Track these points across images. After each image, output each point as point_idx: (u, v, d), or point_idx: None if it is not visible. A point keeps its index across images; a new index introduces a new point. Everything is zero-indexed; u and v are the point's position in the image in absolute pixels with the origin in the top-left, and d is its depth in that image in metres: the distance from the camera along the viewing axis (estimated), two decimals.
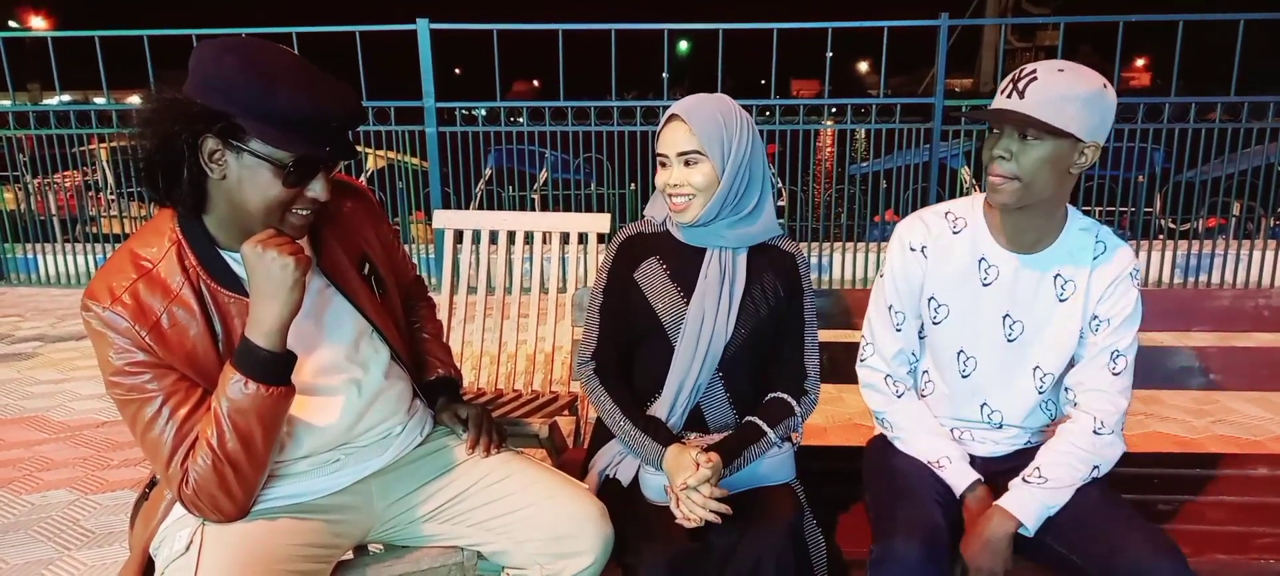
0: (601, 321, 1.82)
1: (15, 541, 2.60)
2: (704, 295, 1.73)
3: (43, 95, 17.81)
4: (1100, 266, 1.62)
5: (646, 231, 1.85)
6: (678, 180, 1.70)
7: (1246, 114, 5.42)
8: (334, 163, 1.39)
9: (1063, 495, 1.57)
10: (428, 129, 5.63)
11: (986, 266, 1.66)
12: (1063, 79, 1.47)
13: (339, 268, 1.52)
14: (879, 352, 1.77)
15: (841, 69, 44.32)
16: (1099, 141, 1.51)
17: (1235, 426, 3.51)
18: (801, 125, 5.72)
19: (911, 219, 1.75)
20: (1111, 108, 1.50)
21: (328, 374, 1.49)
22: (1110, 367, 1.62)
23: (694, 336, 1.72)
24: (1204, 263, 5.81)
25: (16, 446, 3.33)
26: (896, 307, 1.74)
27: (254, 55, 1.28)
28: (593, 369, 1.79)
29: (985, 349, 1.69)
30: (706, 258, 1.76)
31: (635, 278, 1.79)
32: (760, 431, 1.70)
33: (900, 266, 1.72)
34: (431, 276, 5.99)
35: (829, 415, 3.65)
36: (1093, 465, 1.60)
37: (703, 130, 1.67)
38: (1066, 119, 1.45)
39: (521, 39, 5.63)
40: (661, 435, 1.66)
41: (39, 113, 6.00)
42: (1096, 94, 1.47)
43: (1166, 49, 5.27)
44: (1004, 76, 1.63)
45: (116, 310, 1.29)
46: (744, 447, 1.67)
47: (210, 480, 1.32)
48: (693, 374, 1.73)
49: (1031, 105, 1.46)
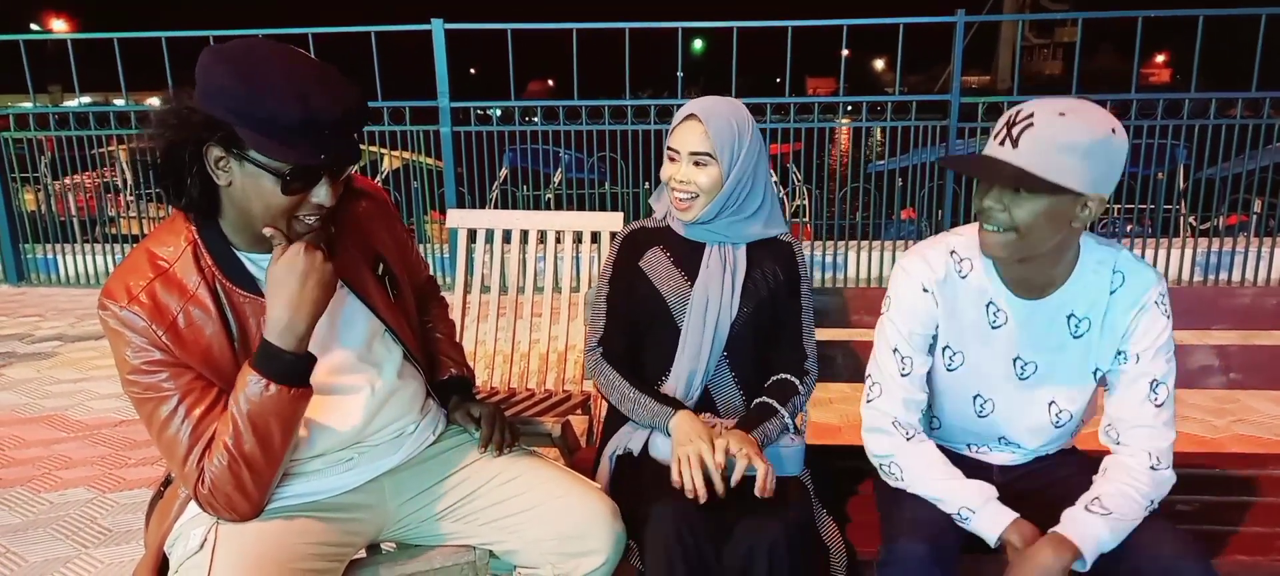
0: (608, 311, 1.88)
1: (34, 539, 2.63)
2: (708, 280, 1.79)
3: (63, 97, 17.98)
4: (1118, 298, 1.52)
5: (650, 226, 1.91)
6: (685, 177, 1.75)
7: (1268, 109, 5.35)
8: (337, 169, 1.36)
9: (1124, 529, 1.43)
10: (443, 129, 5.65)
11: (995, 311, 1.57)
12: (1063, 125, 1.32)
13: (353, 268, 1.53)
14: (887, 393, 1.63)
15: (858, 66, 44.14)
16: (1105, 193, 1.37)
17: (1257, 426, 3.46)
18: (817, 123, 5.70)
19: (914, 256, 1.61)
20: (1121, 154, 1.35)
21: (342, 373, 1.50)
22: (1152, 399, 1.52)
23: (700, 316, 1.77)
24: (1225, 260, 5.73)
25: (36, 445, 3.36)
26: (902, 351, 1.61)
27: (243, 63, 1.25)
28: (601, 353, 1.86)
29: (999, 390, 1.63)
30: (707, 250, 1.82)
31: (640, 266, 1.85)
32: (772, 408, 1.74)
33: (909, 307, 1.60)
34: (446, 276, 6.01)
35: (843, 414, 3.63)
36: (1150, 501, 1.49)
37: (717, 134, 1.72)
38: (1064, 172, 1.32)
39: (536, 38, 5.65)
40: (671, 401, 1.73)
41: (59, 114, 6.06)
42: (1101, 143, 1.32)
43: (1187, 44, 5.21)
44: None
45: (133, 309, 1.30)
46: (761, 424, 1.70)
47: (226, 479, 1.33)
48: (702, 354, 1.77)
49: (1024, 157, 1.33)
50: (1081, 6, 24.38)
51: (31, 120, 6.04)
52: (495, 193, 6.19)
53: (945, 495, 1.54)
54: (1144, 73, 30.54)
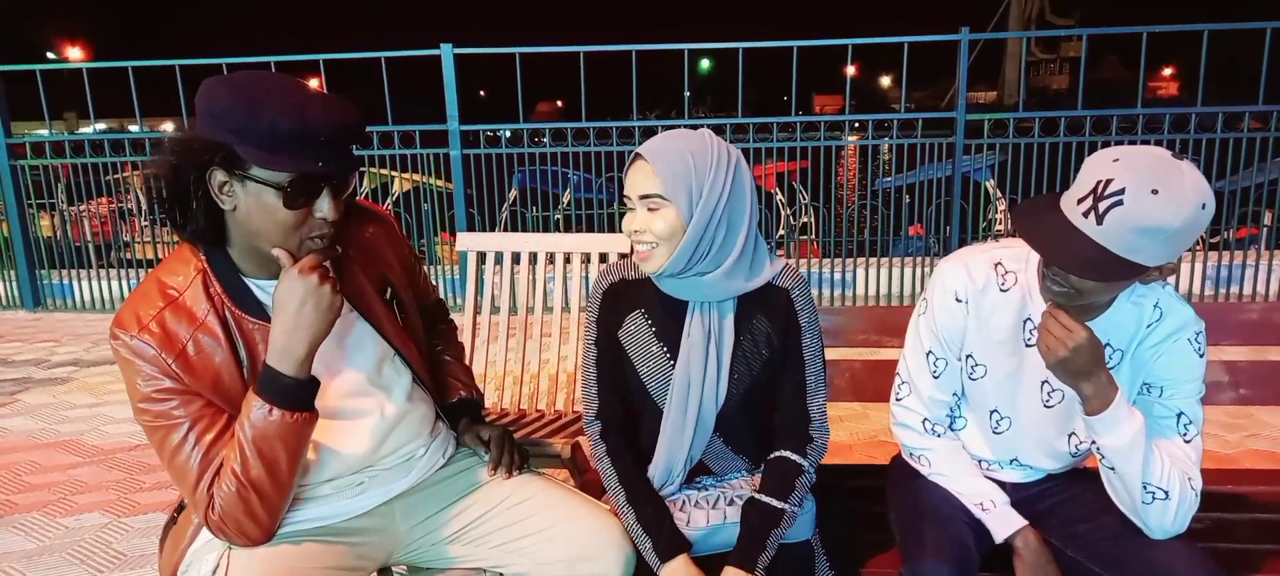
0: (598, 377, 1.69)
1: (50, 564, 2.64)
2: (689, 358, 1.59)
3: (78, 123, 18.21)
4: (1154, 331, 1.49)
5: (630, 276, 1.70)
6: (639, 226, 1.53)
7: (1275, 122, 5.33)
8: (339, 180, 1.38)
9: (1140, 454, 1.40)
10: (453, 152, 5.70)
11: (1032, 328, 1.55)
12: (1153, 207, 1.23)
13: (361, 292, 1.54)
14: (917, 394, 1.66)
15: (865, 83, 44.19)
16: (1174, 260, 1.33)
17: (1271, 441, 3.43)
18: (823, 141, 5.72)
19: (957, 265, 1.60)
20: (1205, 224, 1.27)
21: (351, 397, 1.51)
22: (1182, 435, 1.49)
23: (681, 406, 1.60)
24: (1235, 274, 5.70)
25: (52, 470, 3.39)
26: (936, 354, 1.63)
27: (241, 83, 1.30)
28: (598, 431, 1.68)
29: (1022, 412, 1.62)
30: (689, 316, 1.60)
31: (620, 338, 1.67)
32: (777, 512, 1.55)
33: (942, 313, 1.60)
34: (456, 297, 6.04)
35: (853, 432, 3.63)
36: (1187, 479, 1.45)
37: (666, 172, 1.48)
38: (1144, 251, 1.26)
39: (544, 61, 5.68)
40: (663, 540, 1.52)
41: (75, 141, 6.14)
42: (1190, 222, 1.24)
43: (1195, 57, 5.21)
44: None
45: (144, 338, 1.32)
46: (766, 535, 1.53)
47: (235, 505, 1.34)
48: (684, 444, 1.62)
49: (1108, 236, 1.26)
50: (1087, 21, 24.33)
51: (48, 147, 6.12)
52: (505, 214, 6.22)
53: (967, 491, 1.61)
54: (1152, 86, 30.41)
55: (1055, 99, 30.79)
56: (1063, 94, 32.06)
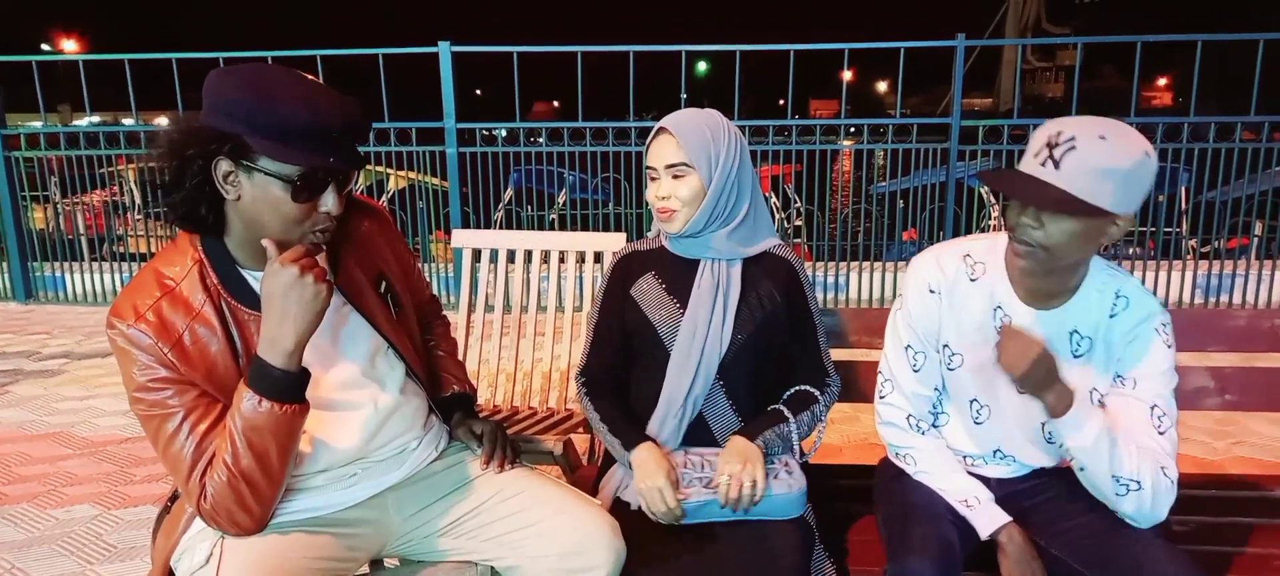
0: (594, 338, 1.87)
1: (40, 555, 2.64)
2: (697, 305, 1.75)
3: (73, 116, 18.16)
4: (1118, 321, 1.55)
5: (642, 249, 1.89)
6: (666, 192, 1.73)
7: (1267, 133, 5.37)
8: (344, 174, 1.39)
9: (1107, 448, 1.45)
10: (448, 149, 5.70)
11: (1003, 316, 1.60)
12: (1104, 150, 1.35)
13: (356, 286, 1.55)
14: (899, 390, 1.71)
15: (861, 88, 44.26)
16: (1132, 212, 1.41)
17: (1256, 448, 3.46)
18: (819, 145, 5.74)
19: (928, 258, 1.68)
20: (1152, 175, 1.39)
21: (345, 389, 1.52)
22: (1156, 426, 1.51)
23: (686, 346, 1.73)
24: (1226, 283, 5.74)
25: (42, 462, 3.38)
26: (914, 348, 1.68)
27: (253, 75, 1.32)
28: (582, 382, 1.84)
29: (1000, 398, 1.65)
30: (700, 268, 1.78)
31: (631, 293, 1.82)
32: (780, 415, 1.71)
33: (917, 306, 1.67)
34: (450, 295, 6.04)
35: (844, 434, 3.64)
36: (1160, 469, 1.47)
37: (689, 143, 1.70)
38: (1103, 195, 1.35)
39: (541, 61, 5.70)
40: (635, 433, 1.69)
41: (69, 133, 6.13)
42: (1138, 166, 1.36)
43: (1189, 67, 5.24)
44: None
45: (140, 327, 1.33)
46: (762, 432, 1.67)
47: (226, 496, 1.35)
48: (685, 385, 1.72)
49: (1067, 179, 1.36)
50: (1083, 29, 24.42)
51: (42, 139, 6.10)
52: (500, 213, 6.23)
53: (951, 488, 1.63)
54: (1147, 95, 30.54)
55: (1051, 107, 30.89)
56: (1058, 102, 32.20)
